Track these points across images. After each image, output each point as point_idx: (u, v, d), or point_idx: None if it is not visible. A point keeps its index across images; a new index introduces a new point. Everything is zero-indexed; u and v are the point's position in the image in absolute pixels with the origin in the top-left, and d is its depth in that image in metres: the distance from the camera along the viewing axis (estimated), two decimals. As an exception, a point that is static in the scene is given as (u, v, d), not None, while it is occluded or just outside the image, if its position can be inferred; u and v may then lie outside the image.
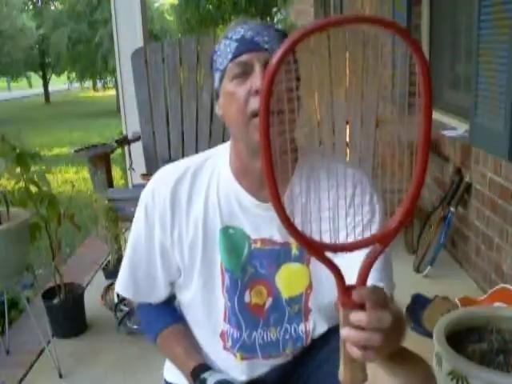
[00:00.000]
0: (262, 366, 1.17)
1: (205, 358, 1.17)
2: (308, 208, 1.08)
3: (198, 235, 1.10)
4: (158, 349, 1.22)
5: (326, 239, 0.77)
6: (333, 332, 1.14)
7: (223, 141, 3.17)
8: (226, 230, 1.10)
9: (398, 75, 4.03)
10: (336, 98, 3.03)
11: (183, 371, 1.14)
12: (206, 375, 1.08)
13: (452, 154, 2.96)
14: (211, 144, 3.16)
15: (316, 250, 0.71)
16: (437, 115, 3.41)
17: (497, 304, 2.05)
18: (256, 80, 0.97)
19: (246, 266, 1.11)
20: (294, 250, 1.10)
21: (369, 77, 2.99)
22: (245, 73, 0.99)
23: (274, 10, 13.78)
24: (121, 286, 1.21)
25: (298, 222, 0.69)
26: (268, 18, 13.10)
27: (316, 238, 0.71)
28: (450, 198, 2.82)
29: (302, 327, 1.15)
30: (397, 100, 4.17)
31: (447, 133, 3.01)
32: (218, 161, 1.13)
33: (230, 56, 1.01)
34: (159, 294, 1.20)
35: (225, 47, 1.02)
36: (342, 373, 0.74)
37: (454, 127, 3.10)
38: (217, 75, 1.05)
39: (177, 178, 1.12)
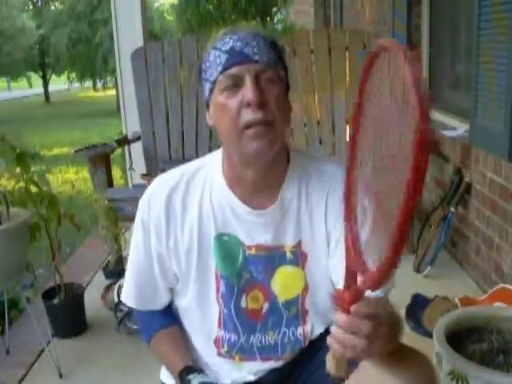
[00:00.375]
0: (261, 368, 1.18)
1: (200, 363, 1.19)
2: (301, 211, 1.09)
3: (193, 243, 1.11)
4: (150, 351, 1.24)
5: None
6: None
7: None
8: (220, 237, 1.11)
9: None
10: (336, 98, 3.03)
11: (172, 373, 1.16)
12: (191, 377, 1.09)
13: (452, 154, 2.96)
14: (211, 144, 3.16)
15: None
16: (437, 115, 3.41)
17: (497, 304, 2.05)
18: (247, 92, 0.97)
19: (242, 272, 1.12)
20: (289, 254, 1.11)
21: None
22: (235, 85, 0.99)
23: (274, 9, 13.77)
24: (126, 296, 1.23)
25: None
26: (268, 18, 13.10)
27: None
28: (449, 198, 2.82)
29: (300, 330, 1.15)
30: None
31: (447, 133, 3.01)
32: (210, 168, 1.13)
33: (219, 68, 1.00)
34: (161, 300, 1.21)
35: (214, 58, 1.01)
36: (329, 361, 0.81)
37: (454, 127, 3.10)
38: (207, 86, 1.04)
39: (171, 187, 1.12)
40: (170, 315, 1.23)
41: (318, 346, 1.16)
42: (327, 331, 1.14)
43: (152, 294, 1.19)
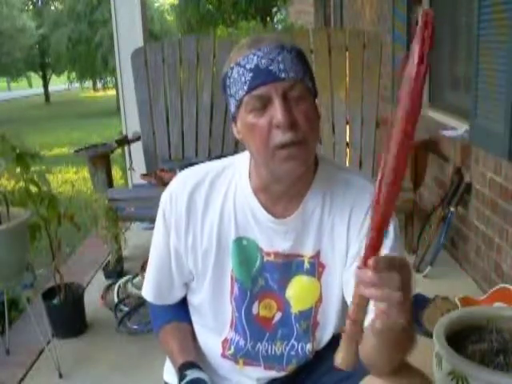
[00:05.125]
0: (263, 376, 1.18)
1: (203, 361, 1.19)
2: (323, 222, 1.08)
3: (212, 243, 1.11)
4: (158, 342, 1.24)
5: None
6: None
7: (223, 140, 3.18)
8: (239, 241, 1.10)
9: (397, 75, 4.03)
10: (336, 98, 3.03)
11: (174, 366, 1.17)
12: (188, 372, 1.10)
13: (452, 154, 2.96)
14: (211, 144, 3.16)
15: None
16: (437, 115, 3.41)
17: (497, 304, 2.05)
18: (276, 114, 0.94)
19: (257, 278, 1.11)
20: (306, 264, 1.10)
21: (369, 77, 2.99)
22: (263, 106, 0.96)
23: (274, 9, 13.79)
24: (146, 291, 1.23)
25: None
26: (268, 18, 13.11)
27: None
28: (449, 198, 2.82)
29: (309, 346, 1.15)
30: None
31: (447, 133, 3.01)
32: (236, 171, 1.12)
33: (245, 87, 0.97)
34: (176, 295, 1.22)
35: (238, 76, 0.98)
36: (339, 355, 0.79)
37: (454, 127, 3.10)
38: (232, 102, 1.02)
39: (194, 184, 1.11)
40: (181, 310, 1.23)
41: (321, 355, 1.16)
42: (331, 348, 1.15)
43: (168, 288, 1.20)
